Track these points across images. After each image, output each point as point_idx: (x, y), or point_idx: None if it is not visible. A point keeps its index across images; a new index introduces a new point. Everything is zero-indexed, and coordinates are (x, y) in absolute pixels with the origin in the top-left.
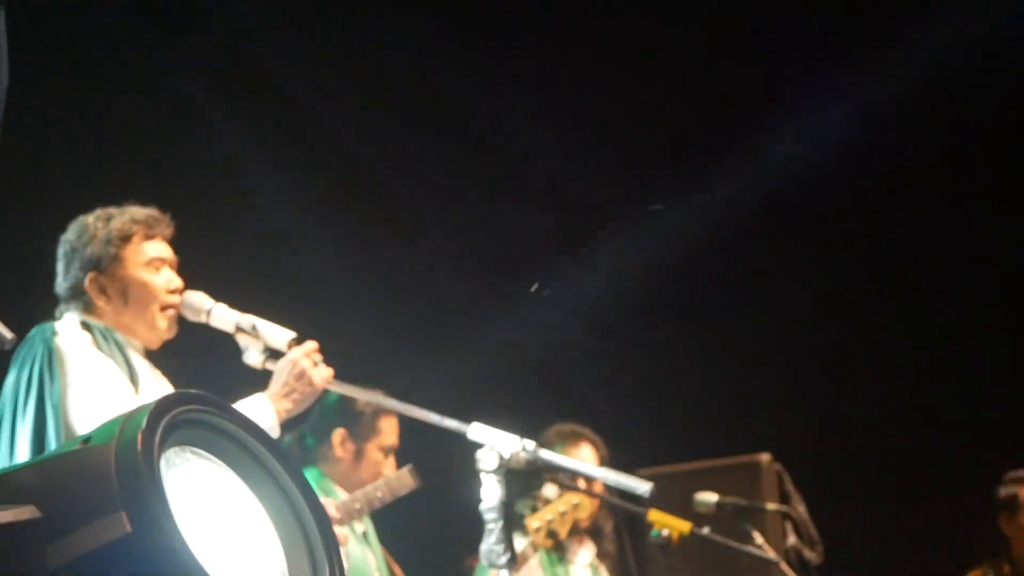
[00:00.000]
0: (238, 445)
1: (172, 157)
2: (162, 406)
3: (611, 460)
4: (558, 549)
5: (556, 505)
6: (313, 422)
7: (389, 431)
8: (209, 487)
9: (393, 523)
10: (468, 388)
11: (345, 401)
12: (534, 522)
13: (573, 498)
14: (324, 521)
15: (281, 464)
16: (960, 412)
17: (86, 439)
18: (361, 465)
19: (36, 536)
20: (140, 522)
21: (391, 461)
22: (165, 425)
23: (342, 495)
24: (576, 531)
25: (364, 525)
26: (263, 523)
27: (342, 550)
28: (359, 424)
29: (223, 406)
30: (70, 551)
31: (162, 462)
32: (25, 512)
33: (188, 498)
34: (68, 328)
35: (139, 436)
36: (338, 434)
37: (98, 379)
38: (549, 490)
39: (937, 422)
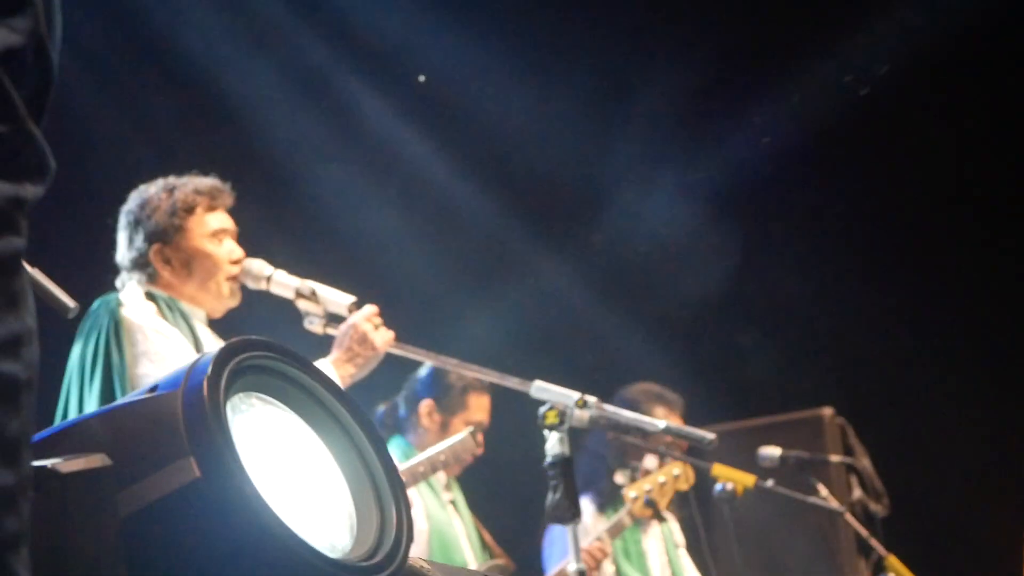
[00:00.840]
0: (303, 391)
1: (222, 125)
2: (227, 353)
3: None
4: (657, 519)
5: (656, 475)
6: (405, 393)
7: (477, 407)
8: (275, 432)
9: (465, 486)
10: (528, 346)
11: (437, 374)
12: (631, 491)
13: (674, 468)
14: (391, 467)
15: (347, 410)
16: None
17: (153, 388)
18: (447, 436)
19: (108, 484)
20: (208, 467)
21: (478, 438)
22: (230, 371)
23: None
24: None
25: (452, 493)
26: (330, 467)
27: (423, 511)
28: (448, 397)
29: (288, 352)
30: (141, 497)
31: (228, 408)
32: (96, 460)
33: (255, 443)
34: (133, 298)
35: (205, 382)
36: (426, 405)
37: (164, 348)
38: (649, 461)
39: (1007, 372)
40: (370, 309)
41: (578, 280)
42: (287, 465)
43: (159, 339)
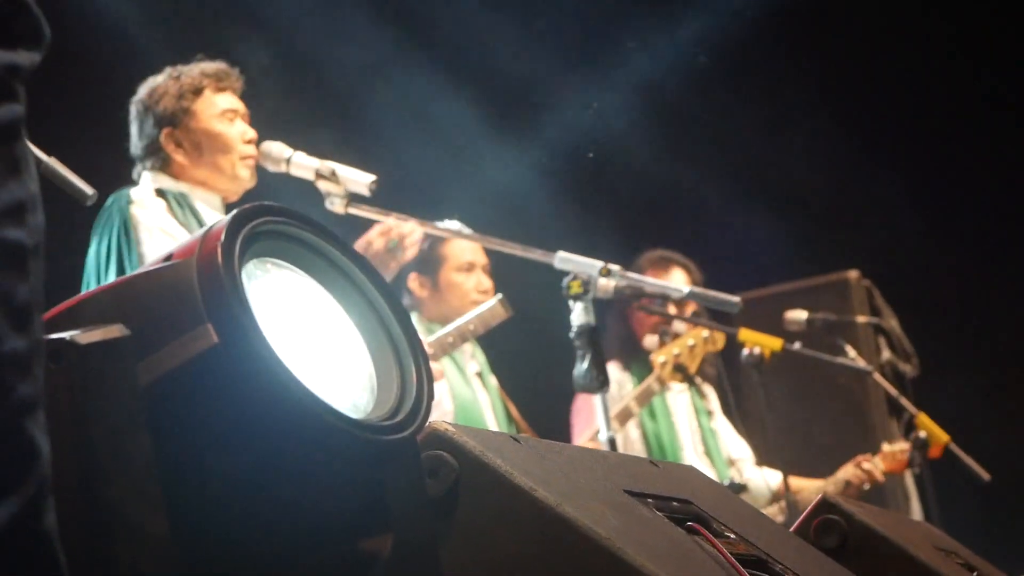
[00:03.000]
0: (319, 255)
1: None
2: (241, 218)
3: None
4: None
5: (684, 339)
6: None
7: (455, 252)
8: (291, 296)
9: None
10: (552, 218)
11: None
12: (660, 356)
13: (703, 331)
14: (409, 327)
15: (364, 273)
16: None
17: (168, 256)
18: (442, 295)
19: (126, 354)
20: (226, 332)
21: (478, 277)
22: (244, 237)
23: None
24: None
25: (479, 365)
26: (348, 329)
27: (448, 391)
28: (423, 261)
29: (303, 218)
30: (160, 366)
31: (243, 274)
32: (114, 331)
33: (271, 308)
34: (143, 195)
35: (219, 248)
36: (412, 278)
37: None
38: (679, 325)
39: None
40: (381, 227)
41: (600, 147)
42: (304, 329)
43: (164, 240)
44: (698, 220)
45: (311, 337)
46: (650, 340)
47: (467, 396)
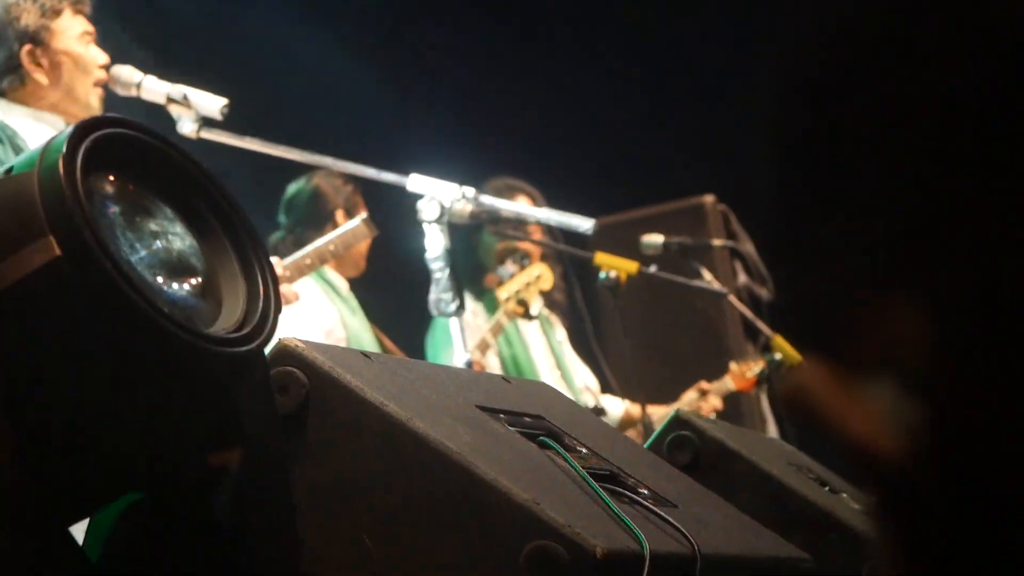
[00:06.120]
0: (162, 166)
1: None
2: (82, 130)
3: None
4: (524, 313)
5: (522, 276)
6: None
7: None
8: (133, 207)
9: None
10: (406, 141)
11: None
12: (503, 293)
13: (535, 270)
14: (255, 238)
15: (207, 182)
16: None
17: (8, 169)
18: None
19: None
20: (68, 245)
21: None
22: (86, 149)
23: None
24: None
25: (353, 301)
26: (192, 243)
27: (339, 319)
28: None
29: (144, 128)
30: (1, 280)
31: (84, 187)
32: None
33: (113, 219)
34: None
35: (60, 160)
36: (340, 214)
37: None
38: (508, 268)
39: None
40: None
41: (451, 71)
42: (148, 241)
43: None
44: (551, 147)
45: (153, 248)
46: (508, 268)
47: (355, 326)
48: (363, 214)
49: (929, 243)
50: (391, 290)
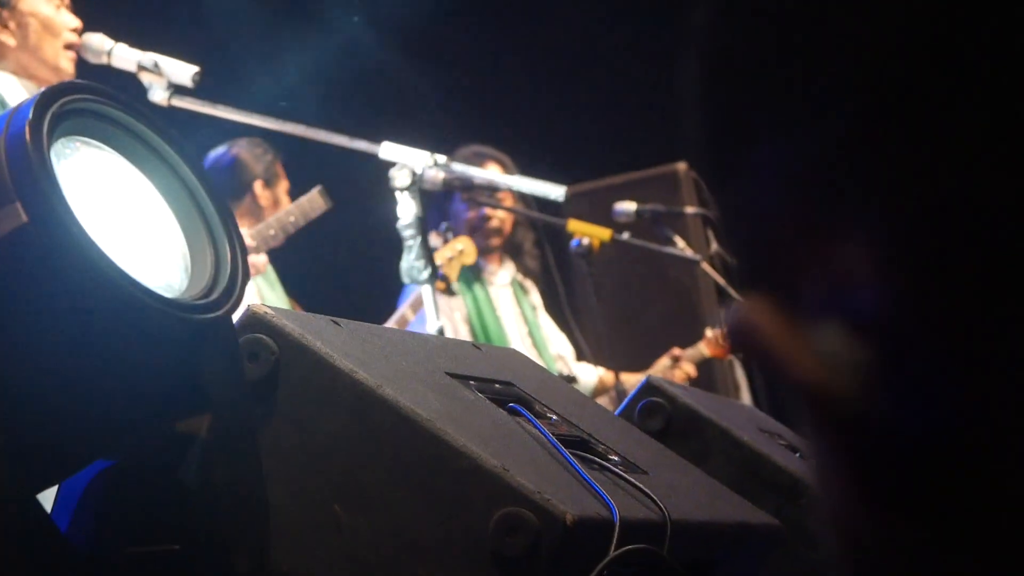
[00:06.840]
0: (129, 132)
1: None
2: (48, 96)
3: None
4: (473, 273)
5: (444, 251)
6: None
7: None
8: (102, 175)
9: (316, 253)
10: (379, 108)
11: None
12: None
13: (457, 244)
14: (222, 205)
15: (175, 150)
16: None
17: None
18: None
19: None
20: (35, 211)
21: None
22: (53, 115)
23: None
24: (491, 251)
25: (271, 274)
26: (159, 208)
27: (256, 292)
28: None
29: (111, 94)
30: None
31: (52, 152)
32: None
33: (81, 187)
34: None
35: (26, 126)
36: (258, 184)
37: None
38: (434, 240)
39: None
40: None
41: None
42: (115, 208)
43: None
44: (523, 114)
45: (122, 217)
46: (432, 242)
47: (273, 300)
48: (319, 186)
49: (869, 164)
50: (363, 258)
